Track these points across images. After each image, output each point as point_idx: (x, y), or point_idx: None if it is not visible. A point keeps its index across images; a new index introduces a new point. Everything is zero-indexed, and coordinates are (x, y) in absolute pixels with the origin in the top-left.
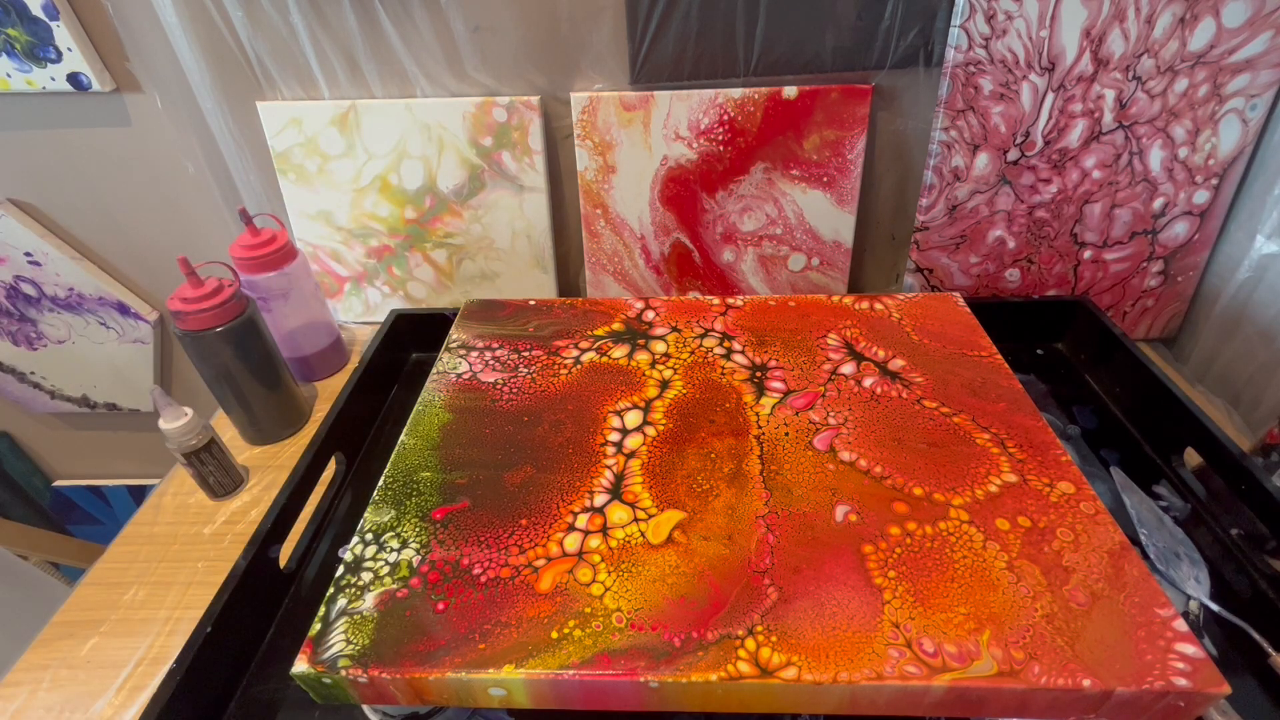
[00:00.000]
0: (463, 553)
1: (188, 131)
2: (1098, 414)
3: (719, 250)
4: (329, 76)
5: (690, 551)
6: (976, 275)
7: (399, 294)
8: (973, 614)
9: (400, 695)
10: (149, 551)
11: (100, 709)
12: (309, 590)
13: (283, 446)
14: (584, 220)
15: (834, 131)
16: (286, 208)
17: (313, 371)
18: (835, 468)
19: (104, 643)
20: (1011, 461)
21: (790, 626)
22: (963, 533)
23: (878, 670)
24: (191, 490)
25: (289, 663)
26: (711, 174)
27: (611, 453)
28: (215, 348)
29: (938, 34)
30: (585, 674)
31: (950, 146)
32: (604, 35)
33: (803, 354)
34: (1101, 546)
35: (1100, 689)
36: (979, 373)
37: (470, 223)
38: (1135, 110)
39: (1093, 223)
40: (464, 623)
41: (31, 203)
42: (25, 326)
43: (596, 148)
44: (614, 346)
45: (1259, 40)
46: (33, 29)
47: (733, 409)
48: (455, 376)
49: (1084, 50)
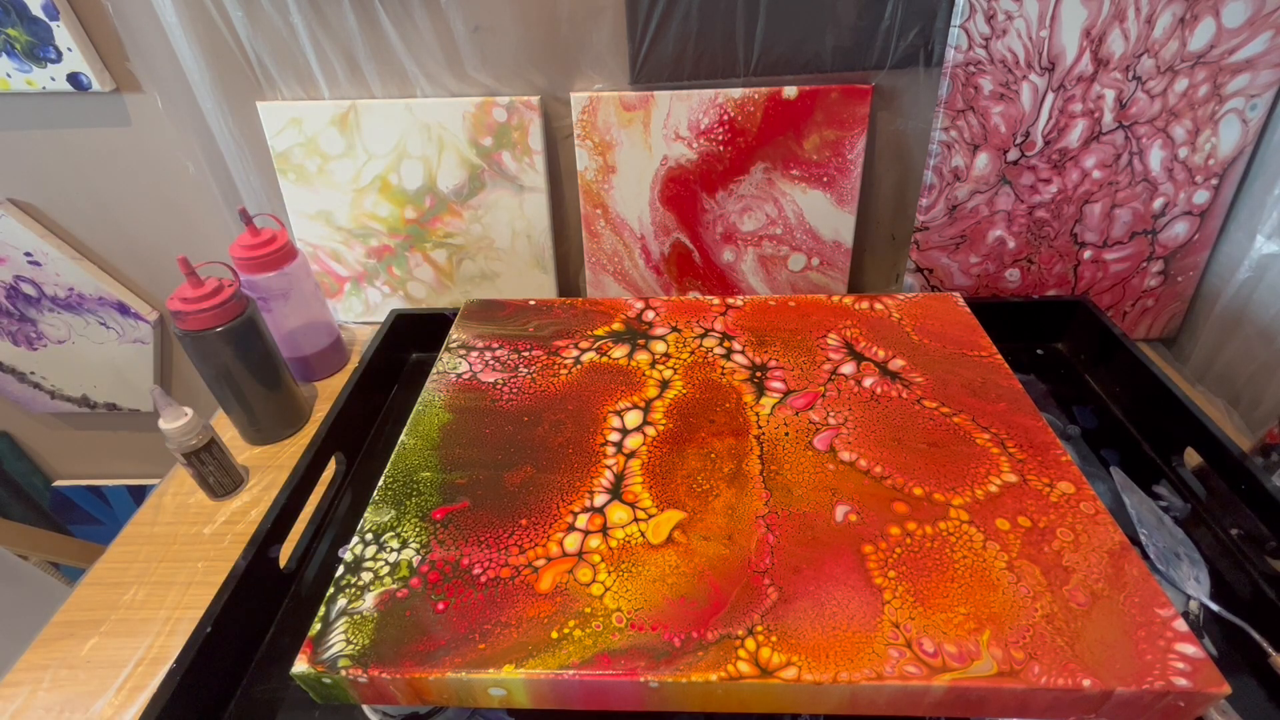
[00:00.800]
0: (463, 553)
1: (188, 131)
2: (1098, 414)
3: (719, 250)
4: (329, 76)
5: (690, 551)
6: (976, 275)
7: (399, 294)
8: (973, 614)
9: (400, 695)
10: (149, 551)
11: (100, 709)
12: (309, 590)
13: (283, 446)
14: (584, 220)
15: (834, 131)
16: (286, 208)
17: (313, 371)
18: (835, 468)
19: (104, 643)
20: (1011, 461)
21: (790, 626)
22: (963, 533)
23: (878, 670)
24: (191, 490)
25: (289, 663)
26: (711, 174)
27: (611, 453)
28: (215, 348)
29: (938, 34)
30: (585, 674)
31: (950, 146)
32: (604, 35)
33: (803, 354)
34: (1101, 546)
35: (1100, 689)
36: (979, 373)
37: (470, 223)
38: (1135, 110)
39: (1093, 223)
40: (464, 623)
41: (31, 203)
42: (25, 326)
43: (596, 148)
44: (614, 346)
45: (1259, 40)
46: (33, 29)
47: (733, 409)
48: (455, 376)
49: (1084, 50)
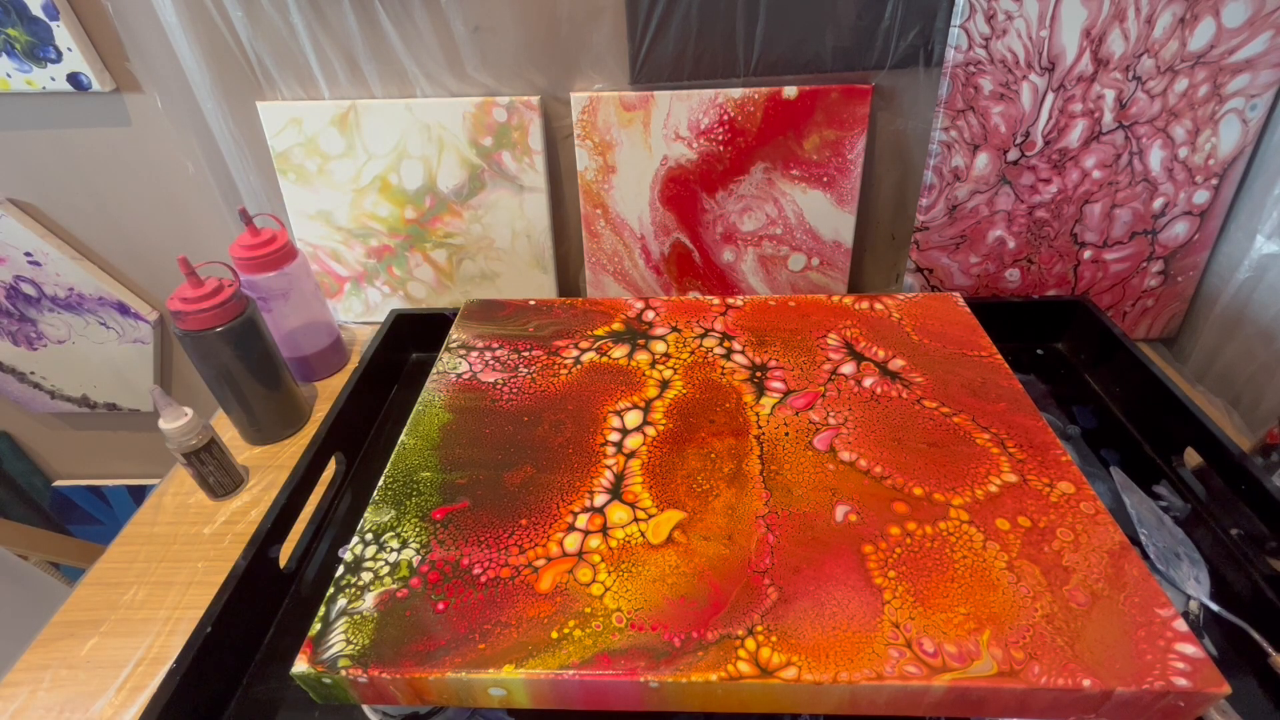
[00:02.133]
0: (463, 553)
1: (188, 131)
2: (1098, 414)
3: (719, 250)
4: (329, 76)
5: (690, 551)
6: (976, 275)
7: (399, 294)
8: (973, 614)
9: (400, 695)
10: (149, 551)
11: (100, 709)
12: (309, 590)
13: (283, 446)
14: (584, 220)
15: (834, 131)
16: (286, 208)
17: (313, 371)
18: (835, 468)
19: (104, 643)
20: (1011, 461)
21: (790, 626)
22: (963, 533)
23: (878, 670)
24: (191, 490)
25: (289, 663)
26: (711, 174)
27: (611, 453)
28: (215, 348)
29: (938, 34)
30: (585, 674)
31: (950, 146)
32: (604, 35)
33: (803, 354)
34: (1101, 546)
35: (1100, 689)
36: (979, 373)
37: (470, 223)
38: (1135, 110)
39: (1093, 223)
40: (464, 623)
41: (31, 203)
42: (25, 326)
43: (596, 148)
44: (614, 346)
45: (1259, 40)
46: (33, 29)
47: (733, 409)
48: (455, 376)
49: (1084, 50)
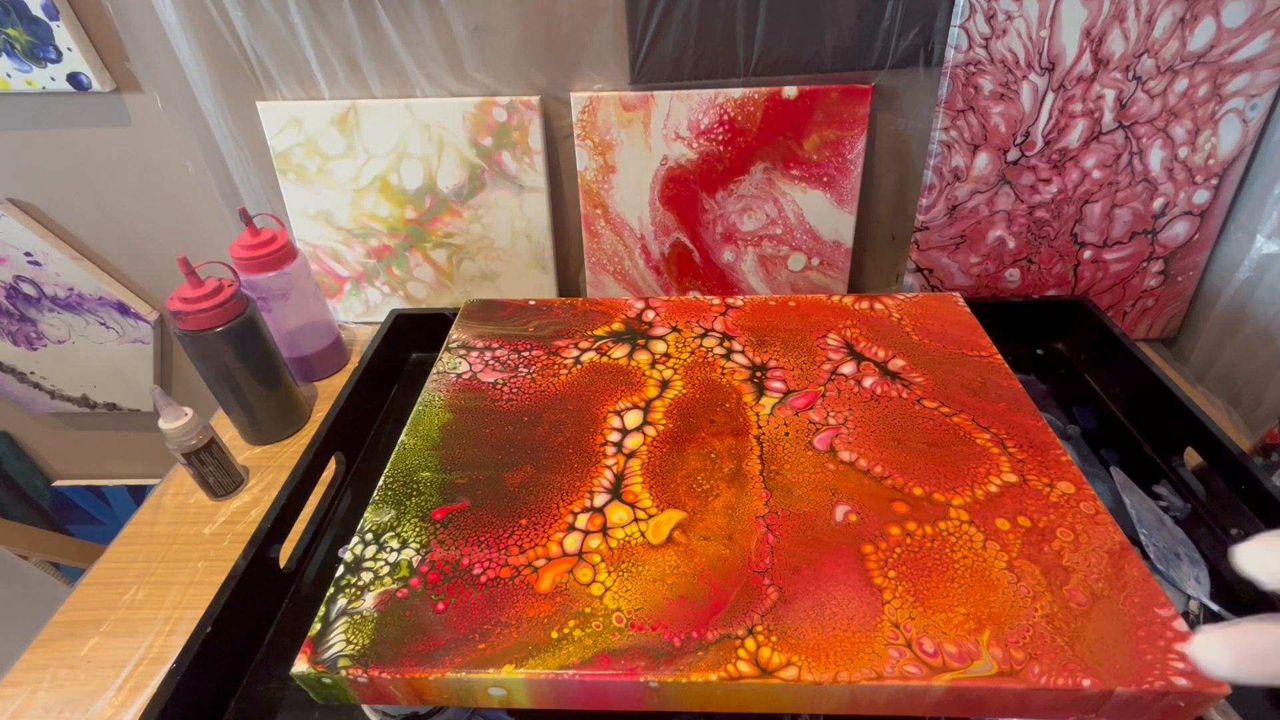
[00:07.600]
0: (463, 553)
1: (188, 131)
2: (1098, 414)
3: (719, 250)
4: (329, 76)
5: (690, 551)
6: (976, 275)
7: (399, 294)
8: (973, 614)
9: (400, 695)
10: (149, 551)
11: (100, 709)
12: (309, 590)
13: (283, 446)
14: (584, 220)
15: (834, 131)
16: (286, 208)
17: (313, 371)
18: (835, 468)
19: (104, 643)
20: (1011, 461)
21: (790, 626)
22: (963, 533)
23: (878, 670)
24: (191, 490)
25: (289, 663)
26: (711, 174)
27: (611, 453)
28: (215, 348)
29: (938, 34)
30: (585, 674)
31: (950, 146)
32: (604, 35)
33: (803, 354)
34: (1101, 546)
35: (1100, 689)
36: (979, 373)
37: (470, 223)
38: (1135, 110)
39: (1093, 223)
40: (464, 623)
41: (31, 203)
42: (25, 326)
43: (596, 148)
44: (614, 346)
45: (1259, 40)
46: (33, 29)
47: (733, 409)
48: (455, 376)
49: (1084, 50)
